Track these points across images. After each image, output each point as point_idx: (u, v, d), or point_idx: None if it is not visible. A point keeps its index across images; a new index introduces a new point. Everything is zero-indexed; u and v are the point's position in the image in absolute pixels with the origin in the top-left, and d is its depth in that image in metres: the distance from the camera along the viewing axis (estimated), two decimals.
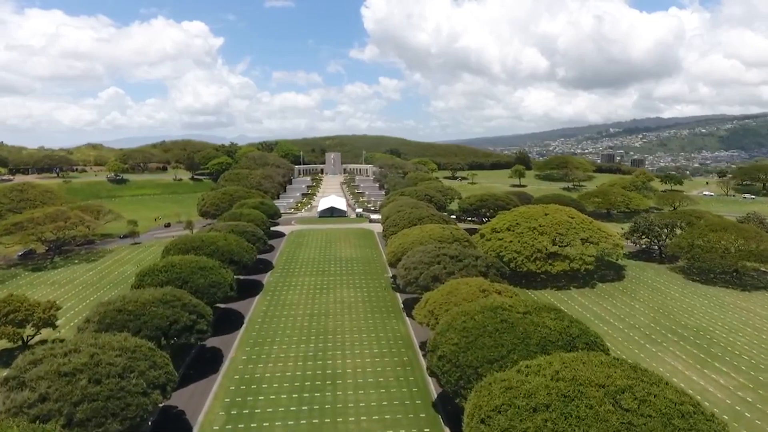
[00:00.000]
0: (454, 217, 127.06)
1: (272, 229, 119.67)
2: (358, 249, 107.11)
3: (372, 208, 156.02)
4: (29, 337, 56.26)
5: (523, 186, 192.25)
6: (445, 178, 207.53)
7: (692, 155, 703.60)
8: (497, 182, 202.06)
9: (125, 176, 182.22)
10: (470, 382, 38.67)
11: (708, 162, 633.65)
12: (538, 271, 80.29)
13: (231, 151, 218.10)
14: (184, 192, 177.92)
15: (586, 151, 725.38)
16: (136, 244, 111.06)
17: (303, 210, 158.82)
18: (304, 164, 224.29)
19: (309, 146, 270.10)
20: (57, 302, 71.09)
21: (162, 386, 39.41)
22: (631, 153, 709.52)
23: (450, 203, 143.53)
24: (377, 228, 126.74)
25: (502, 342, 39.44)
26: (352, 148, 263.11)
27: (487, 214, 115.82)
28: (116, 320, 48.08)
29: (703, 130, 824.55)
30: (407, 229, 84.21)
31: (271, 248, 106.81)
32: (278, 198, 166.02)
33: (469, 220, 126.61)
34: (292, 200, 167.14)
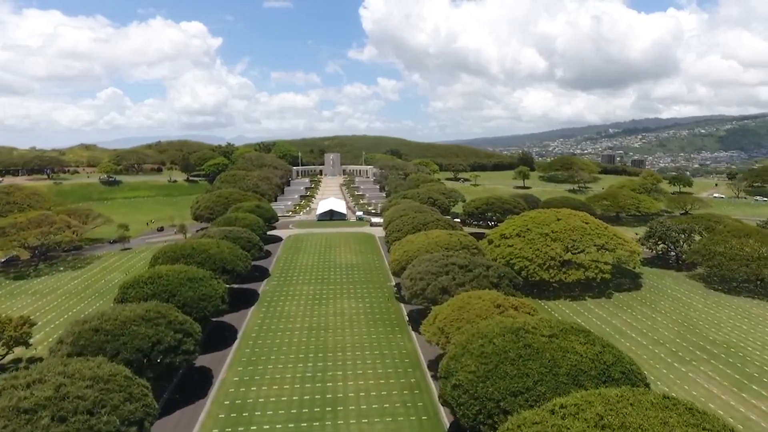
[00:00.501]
0: (458, 220, 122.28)
1: (269, 233, 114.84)
2: (359, 255, 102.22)
3: (373, 211, 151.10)
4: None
5: (528, 188, 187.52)
6: (447, 179, 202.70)
7: (692, 156, 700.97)
8: (500, 184, 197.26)
9: (118, 178, 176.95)
10: (491, 418, 33.89)
11: (708, 162, 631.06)
12: (551, 280, 75.46)
13: (227, 152, 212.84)
14: (179, 194, 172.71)
15: (586, 151, 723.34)
16: (126, 249, 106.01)
17: (301, 213, 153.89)
18: (302, 165, 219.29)
19: (307, 147, 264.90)
20: (37, 314, 66.58)
21: (139, 422, 34.54)
22: (631, 153, 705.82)
23: (453, 206, 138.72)
24: (379, 232, 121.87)
25: (527, 371, 34.61)
26: (351, 149, 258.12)
27: (494, 218, 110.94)
28: (92, 341, 43.16)
29: (703, 131, 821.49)
30: (412, 236, 79.41)
31: (268, 254, 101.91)
32: (275, 200, 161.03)
33: (475, 224, 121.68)
34: (290, 203, 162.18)
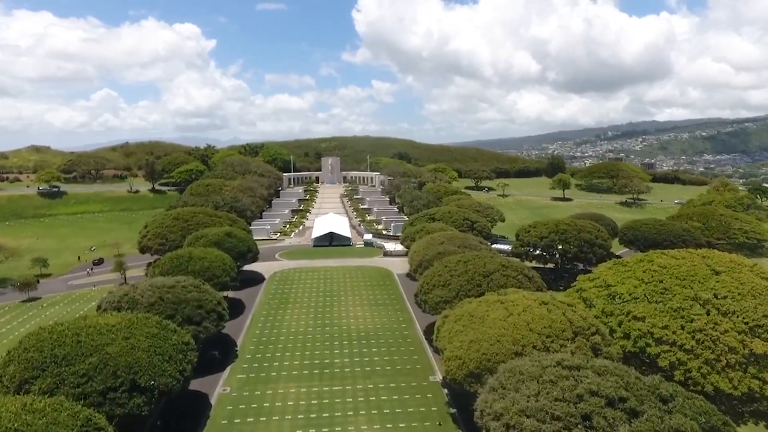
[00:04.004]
0: (507, 247, 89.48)
1: (247, 267, 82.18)
2: (375, 310, 68.98)
3: (385, 232, 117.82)
4: None
5: (569, 199, 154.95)
6: (467, 188, 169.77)
7: (694, 159, 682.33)
8: (533, 195, 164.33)
9: (66, 188, 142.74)
10: None
11: (712, 166, 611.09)
12: (733, 392, 42.32)
13: (206, 155, 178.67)
14: (141, 208, 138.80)
15: (586, 154, 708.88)
16: (30, 300, 72.17)
17: (292, 234, 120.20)
18: (295, 171, 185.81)
19: (302, 149, 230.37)
20: None
21: None
22: (632, 156, 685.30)
23: (492, 227, 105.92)
24: (397, 266, 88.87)
25: None
26: (352, 152, 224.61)
27: (569, 252, 77.39)
28: None
29: (703, 134, 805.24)
30: (475, 304, 45.97)
31: (240, 309, 68.80)
32: (260, 217, 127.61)
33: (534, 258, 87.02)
34: (278, 220, 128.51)
